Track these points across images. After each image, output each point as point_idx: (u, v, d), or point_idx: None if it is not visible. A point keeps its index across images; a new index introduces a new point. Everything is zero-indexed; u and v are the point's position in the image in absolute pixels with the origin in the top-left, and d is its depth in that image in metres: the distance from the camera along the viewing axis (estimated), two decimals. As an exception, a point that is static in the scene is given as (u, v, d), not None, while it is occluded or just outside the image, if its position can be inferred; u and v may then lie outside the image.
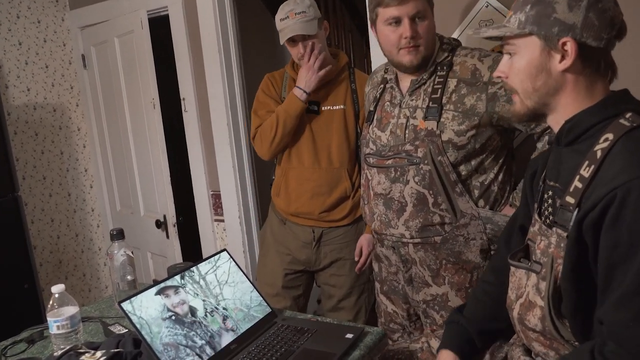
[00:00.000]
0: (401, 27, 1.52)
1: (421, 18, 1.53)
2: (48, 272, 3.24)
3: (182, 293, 1.33)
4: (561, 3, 0.99)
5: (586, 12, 0.97)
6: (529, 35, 1.03)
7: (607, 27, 0.98)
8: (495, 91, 1.49)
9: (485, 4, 1.92)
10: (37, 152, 3.18)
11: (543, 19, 1.00)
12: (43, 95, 3.20)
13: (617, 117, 0.98)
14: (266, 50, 3.91)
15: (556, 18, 0.99)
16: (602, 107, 1.01)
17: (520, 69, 1.06)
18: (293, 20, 1.94)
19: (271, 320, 1.45)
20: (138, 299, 1.24)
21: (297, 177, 2.09)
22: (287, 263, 2.19)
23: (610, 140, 0.95)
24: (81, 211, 3.43)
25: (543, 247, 1.06)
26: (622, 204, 0.89)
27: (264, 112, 2.09)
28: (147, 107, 2.88)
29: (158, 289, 1.30)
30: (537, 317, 1.05)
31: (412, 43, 1.52)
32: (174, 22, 2.82)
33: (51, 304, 1.32)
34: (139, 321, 1.21)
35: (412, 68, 1.56)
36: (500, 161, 1.59)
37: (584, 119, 1.01)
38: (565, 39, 0.99)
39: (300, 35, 1.96)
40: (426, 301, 1.64)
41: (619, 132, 0.95)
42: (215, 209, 2.92)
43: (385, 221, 1.63)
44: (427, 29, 1.54)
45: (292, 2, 1.98)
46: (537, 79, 1.04)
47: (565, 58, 1.00)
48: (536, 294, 1.06)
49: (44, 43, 3.21)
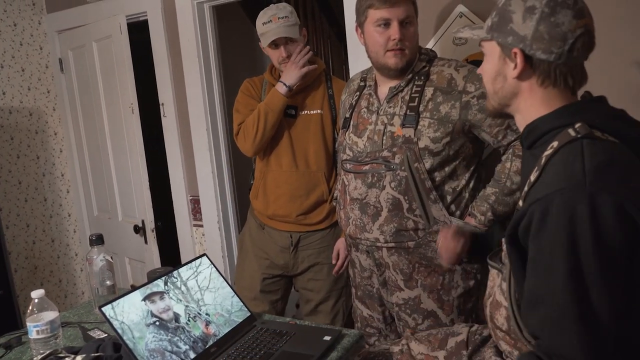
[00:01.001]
0: (390, 29, 1.56)
1: (409, 23, 1.59)
2: (23, 278, 3.20)
3: (167, 299, 1.35)
4: (517, 14, 1.03)
5: (537, 25, 1.00)
6: (491, 41, 1.08)
7: (558, 42, 1.00)
8: (468, 100, 1.55)
9: (459, 14, 1.98)
10: (13, 157, 3.15)
11: (502, 27, 1.05)
12: (19, 99, 3.17)
13: (568, 127, 1.01)
14: (245, 56, 3.94)
15: (511, 28, 1.03)
16: (557, 115, 1.04)
17: (486, 70, 1.13)
18: (276, 24, 1.98)
19: (250, 324, 1.47)
20: (120, 303, 1.25)
21: (275, 179, 2.12)
22: (265, 267, 2.21)
23: (554, 148, 0.99)
24: (57, 216, 3.40)
25: (505, 249, 1.11)
26: (544, 217, 0.92)
27: (247, 110, 2.11)
28: (126, 112, 2.87)
29: (144, 295, 1.31)
30: (503, 316, 1.09)
31: (399, 45, 1.57)
32: (153, 28, 2.83)
33: (31, 309, 1.32)
34: (121, 326, 1.22)
35: (397, 71, 1.61)
36: (471, 169, 1.64)
37: (539, 125, 1.06)
38: (515, 50, 1.03)
39: (282, 39, 2.00)
40: (399, 304, 1.68)
41: (563, 141, 0.98)
42: (194, 214, 2.92)
43: (360, 225, 1.67)
44: (413, 34, 1.61)
45: (274, 7, 2.03)
46: (496, 82, 1.10)
47: (516, 67, 1.05)
48: (501, 294, 1.10)
49: (20, 47, 3.18)
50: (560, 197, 0.91)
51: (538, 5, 1.01)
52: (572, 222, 0.89)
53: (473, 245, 1.52)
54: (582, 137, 0.97)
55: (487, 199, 1.57)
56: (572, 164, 0.94)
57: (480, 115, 1.54)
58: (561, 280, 0.90)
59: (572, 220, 0.89)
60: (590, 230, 0.88)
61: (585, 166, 0.92)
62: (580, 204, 0.89)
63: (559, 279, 0.90)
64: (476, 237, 1.53)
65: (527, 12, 1.01)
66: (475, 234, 1.53)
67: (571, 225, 0.89)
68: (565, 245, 0.89)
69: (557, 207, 0.91)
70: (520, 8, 1.02)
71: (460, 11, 1.97)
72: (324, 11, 4.64)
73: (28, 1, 3.21)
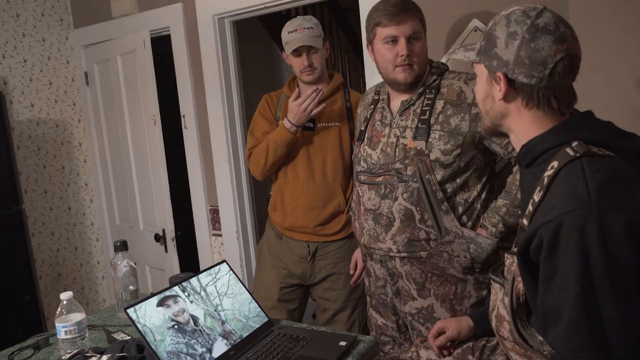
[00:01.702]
0: (398, 46, 1.62)
1: (416, 39, 1.64)
2: (47, 285, 3.29)
3: (180, 302, 1.40)
4: (501, 39, 1.06)
5: (518, 50, 1.04)
6: (480, 63, 1.12)
7: (538, 66, 1.03)
8: (477, 112, 1.58)
9: (474, 29, 2.01)
10: (39, 167, 3.25)
11: (488, 51, 1.09)
12: (46, 111, 3.28)
13: (565, 145, 1.03)
14: (264, 69, 4.02)
15: (496, 52, 1.07)
16: (552, 135, 1.07)
17: (477, 91, 1.17)
18: (302, 33, 2.06)
19: (268, 329, 1.52)
20: (142, 307, 1.31)
21: (292, 191, 2.17)
22: (283, 277, 2.25)
23: (554, 169, 1.01)
24: (81, 225, 3.49)
25: (508, 264, 1.14)
26: (556, 238, 0.95)
27: (260, 133, 2.19)
28: (148, 123, 2.96)
29: (158, 301, 1.36)
30: (507, 329, 1.13)
31: (407, 61, 1.62)
32: (176, 42, 2.92)
33: (59, 311, 1.38)
34: (143, 329, 1.27)
35: (406, 85, 1.65)
36: (483, 180, 1.67)
37: (536, 145, 1.09)
38: (499, 73, 1.07)
39: (305, 47, 2.07)
40: (412, 314, 1.71)
41: (563, 161, 1.01)
42: (213, 224, 2.98)
43: (373, 235, 1.71)
44: (421, 49, 1.65)
45: (300, 18, 2.11)
46: (485, 103, 1.15)
47: (501, 90, 1.08)
48: (503, 308, 1.13)
49: (48, 60, 3.30)
50: (570, 218, 0.94)
51: (519, 31, 1.04)
52: (583, 242, 0.92)
53: None
54: (581, 156, 0.99)
55: (498, 211, 1.60)
56: (576, 184, 0.97)
57: None
58: (573, 299, 0.93)
59: (583, 241, 0.92)
60: (601, 248, 0.91)
61: (589, 185, 0.95)
62: (589, 223, 0.92)
63: (571, 298, 0.93)
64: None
65: (509, 37, 1.05)
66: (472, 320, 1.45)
67: (582, 245, 0.92)
68: (577, 265, 0.92)
69: (567, 229, 0.94)
70: (504, 33, 1.06)
71: (475, 25, 2.01)
72: (341, 25, 4.72)
73: (56, 17, 3.34)
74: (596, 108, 1.14)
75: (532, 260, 1.02)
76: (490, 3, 1.97)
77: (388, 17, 1.60)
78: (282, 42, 2.13)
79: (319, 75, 2.13)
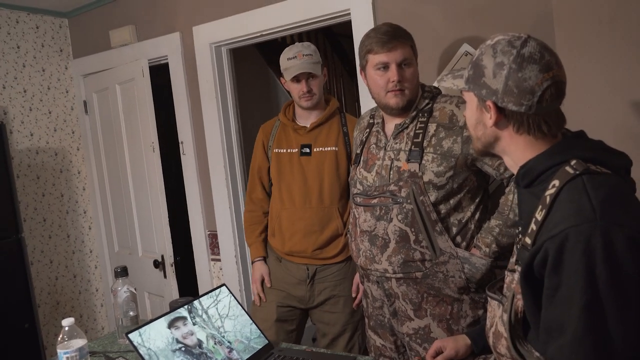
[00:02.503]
0: (389, 72, 1.66)
1: (407, 65, 1.68)
2: (46, 314, 3.28)
3: (189, 324, 1.41)
4: (488, 69, 1.09)
5: (506, 80, 1.06)
6: (469, 91, 1.15)
7: (526, 95, 1.06)
8: (469, 135, 1.61)
9: (465, 53, 2.07)
10: (38, 195, 3.27)
11: (477, 80, 1.11)
12: (45, 139, 3.32)
13: (564, 164, 1.06)
14: (261, 95, 4.07)
15: (484, 82, 1.10)
16: (550, 155, 1.09)
17: (468, 117, 1.20)
18: (301, 60, 2.10)
19: (268, 351, 1.53)
20: (146, 330, 1.32)
21: (289, 217, 2.19)
22: (282, 297, 2.25)
23: (556, 187, 1.03)
24: (80, 252, 3.50)
25: (508, 282, 1.16)
26: (561, 251, 0.97)
27: (254, 165, 2.35)
28: (147, 150, 2.99)
29: (169, 322, 1.38)
30: (504, 346, 1.14)
31: (398, 86, 1.66)
32: (174, 70, 2.97)
33: (61, 337, 1.39)
34: (148, 352, 1.28)
35: (398, 110, 1.70)
36: (476, 200, 1.70)
37: (535, 166, 1.11)
38: (489, 102, 1.10)
39: (305, 74, 2.11)
40: (409, 334, 1.72)
41: (564, 180, 1.03)
42: (212, 249, 3.00)
43: (369, 257, 1.73)
44: (412, 75, 1.69)
45: (299, 45, 2.16)
46: (477, 129, 1.17)
47: (491, 117, 1.11)
48: (502, 325, 1.15)
49: (48, 90, 3.35)
50: (575, 232, 0.95)
51: (506, 61, 1.07)
52: (589, 256, 0.94)
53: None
54: (580, 174, 1.02)
55: (491, 231, 1.62)
56: (579, 200, 0.99)
57: None
58: (578, 311, 0.94)
59: (588, 254, 0.94)
60: (606, 261, 0.93)
61: (592, 201, 0.97)
62: (594, 238, 0.94)
63: (576, 311, 0.94)
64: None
65: (496, 67, 1.08)
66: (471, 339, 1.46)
67: (587, 258, 0.94)
68: (583, 279, 0.94)
69: (572, 243, 0.95)
70: (491, 63, 1.08)
71: (466, 50, 2.06)
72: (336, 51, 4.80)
73: (56, 48, 3.40)
74: (585, 129, 1.18)
75: (535, 276, 1.03)
76: (480, 29, 2.03)
77: (379, 44, 1.65)
78: (281, 69, 2.17)
79: (317, 101, 2.17)
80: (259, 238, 2.33)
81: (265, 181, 2.32)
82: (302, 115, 2.23)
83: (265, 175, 2.32)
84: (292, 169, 2.18)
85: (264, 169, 2.31)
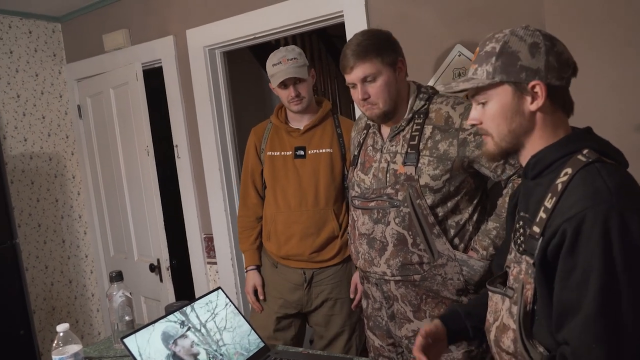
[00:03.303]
0: (356, 90, 1.68)
1: (371, 80, 1.65)
2: (41, 320, 3.26)
3: (188, 340, 1.41)
4: (523, 52, 1.11)
5: (546, 56, 1.10)
6: (499, 84, 1.14)
7: (565, 67, 1.11)
8: (465, 137, 1.61)
9: (458, 54, 2.08)
10: (33, 200, 3.26)
11: (510, 68, 1.12)
12: (39, 144, 3.30)
13: (576, 153, 1.08)
14: (255, 96, 4.07)
15: (522, 65, 1.11)
16: (564, 144, 1.12)
17: (495, 114, 1.16)
18: (286, 65, 2.08)
19: (264, 354, 1.52)
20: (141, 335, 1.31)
21: (284, 220, 2.17)
22: (279, 307, 2.24)
23: (569, 175, 1.05)
24: (75, 257, 3.49)
25: (515, 273, 1.16)
26: (578, 232, 0.98)
27: (247, 168, 2.32)
28: (142, 154, 2.98)
29: (168, 342, 1.37)
30: (510, 339, 1.14)
31: (365, 104, 1.67)
32: (167, 74, 2.96)
33: (56, 343, 1.38)
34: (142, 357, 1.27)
35: (379, 120, 1.71)
36: (474, 202, 1.70)
37: (547, 155, 1.12)
38: (534, 82, 1.10)
39: (292, 79, 2.09)
40: (408, 337, 1.71)
41: (577, 167, 1.05)
42: (208, 252, 2.99)
43: (368, 259, 1.73)
44: (381, 88, 1.65)
45: (284, 50, 2.13)
46: (512, 121, 1.15)
47: (537, 99, 1.11)
48: (509, 318, 1.15)
49: (41, 95, 3.34)
50: (592, 212, 0.97)
51: (539, 40, 1.10)
52: (606, 238, 0.96)
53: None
54: (594, 161, 1.05)
55: (488, 234, 1.62)
56: (594, 183, 1.01)
57: (478, 151, 1.60)
58: (594, 293, 0.96)
59: (606, 236, 0.96)
60: (622, 244, 0.95)
61: (608, 185, 0.99)
62: (611, 219, 0.96)
63: (592, 292, 0.96)
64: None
65: (532, 48, 1.10)
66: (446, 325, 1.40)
67: (605, 241, 0.96)
68: (600, 260, 0.96)
69: (589, 224, 0.97)
70: (524, 46, 1.11)
71: (459, 51, 2.07)
72: (330, 52, 4.80)
73: (49, 52, 3.39)
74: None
75: (549, 261, 1.04)
76: (473, 30, 2.04)
77: (342, 66, 1.68)
78: (268, 75, 2.15)
79: (307, 104, 2.15)
80: (253, 245, 2.32)
81: (259, 184, 2.31)
82: (294, 118, 2.22)
83: (259, 179, 2.30)
84: (287, 172, 2.17)
85: (257, 172, 2.30)
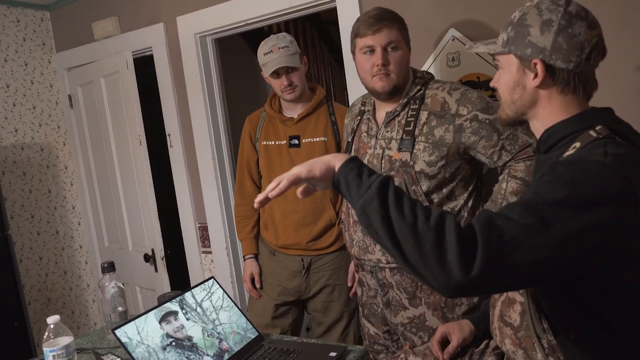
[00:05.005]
0: (374, 56, 1.63)
1: (394, 48, 1.63)
2: (37, 311, 3.25)
3: (181, 319, 1.40)
4: (534, 27, 1.09)
5: (555, 36, 1.07)
6: (508, 54, 1.14)
7: (576, 51, 1.07)
8: (461, 123, 1.59)
9: (452, 38, 2.05)
10: (25, 191, 3.23)
11: (519, 40, 1.11)
12: (30, 135, 3.27)
13: (588, 129, 1.07)
14: (247, 84, 4.04)
15: (530, 40, 1.09)
16: (577, 120, 1.10)
17: (503, 82, 1.17)
18: (277, 54, 2.05)
19: (258, 343, 1.52)
20: (134, 326, 1.30)
21: (281, 210, 2.16)
22: (277, 294, 2.24)
23: (577, 148, 1.04)
24: (69, 248, 3.47)
25: None
26: (565, 159, 1.00)
27: (243, 158, 2.30)
28: (134, 144, 2.96)
29: (160, 317, 1.36)
30: (517, 312, 1.14)
31: (383, 70, 1.62)
32: (159, 62, 2.93)
33: (47, 335, 1.37)
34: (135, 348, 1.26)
35: (385, 94, 1.66)
36: (470, 188, 1.68)
37: (559, 129, 1.11)
38: (536, 60, 1.09)
39: (284, 68, 2.07)
40: (404, 324, 1.71)
41: (585, 141, 1.04)
42: (203, 241, 2.98)
43: (363, 247, 1.71)
44: (400, 59, 1.65)
45: (274, 38, 2.10)
46: (514, 93, 1.15)
47: (537, 76, 1.10)
48: (515, 292, 1.14)
49: (31, 85, 3.29)
50: (578, 154, 0.99)
51: (555, 18, 1.07)
52: (583, 166, 0.96)
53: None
54: (604, 137, 1.03)
55: None
56: (593, 150, 1.00)
57: (474, 137, 1.58)
58: (542, 201, 0.93)
59: (584, 165, 0.96)
60: (594, 182, 0.93)
61: (608, 151, 0.98)
62: (596, 157, 0.96)
63: (546, 199, 0.93)
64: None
65: (544, 25, 1.08)
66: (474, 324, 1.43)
67: (582, 165, 0.96)
68: (564, 183, 0.94)
69: (573, 157, 0.99)
70: (537, 22, 1.09)
71: (452, 34, 2.04)
72: (323, 39, 4.76)
73: (38, 41, 3.34)
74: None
75: None
76: (467, 13, 2.01)
77: (365, 27, 1.62)
78: (260, 64, 2.13)
79: (301, 92, 2.13)
80: (250, 234, 2.31)
81: (255, 174, 2.29)
82: (288, 107, 2.20)
83: (254, 168, 2.29)
84: (282, 161, 2.15)
85: (253, 161, 2.28)
